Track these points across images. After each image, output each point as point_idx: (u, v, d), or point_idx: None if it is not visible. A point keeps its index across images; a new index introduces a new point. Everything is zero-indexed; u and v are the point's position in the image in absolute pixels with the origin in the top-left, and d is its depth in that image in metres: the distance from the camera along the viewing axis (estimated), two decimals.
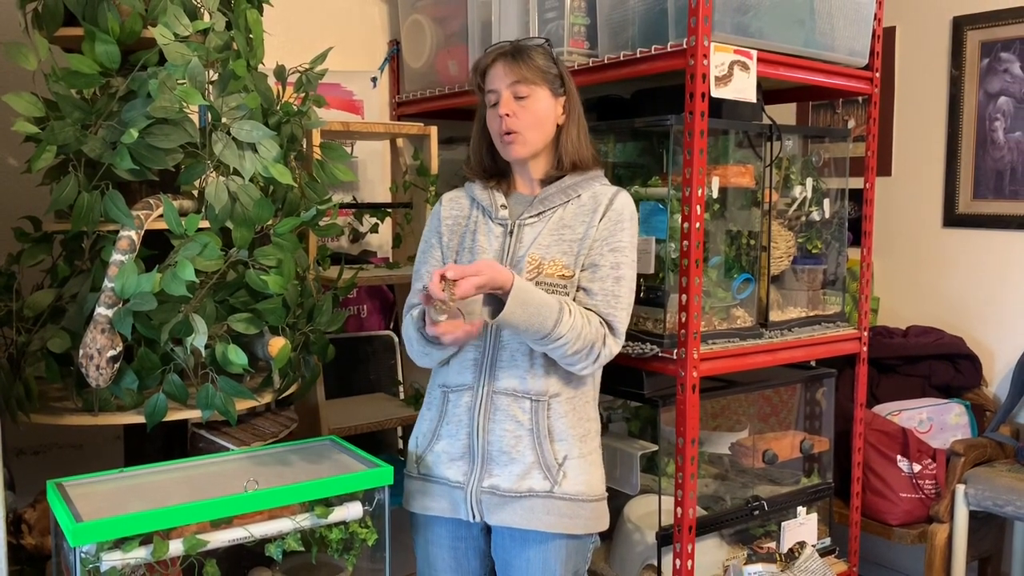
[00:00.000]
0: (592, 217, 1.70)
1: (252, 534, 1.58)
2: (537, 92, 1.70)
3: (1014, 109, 2.87)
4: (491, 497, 1.67)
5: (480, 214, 1.77)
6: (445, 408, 1.73)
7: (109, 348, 1.67)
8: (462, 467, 1.70)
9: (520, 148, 1.71)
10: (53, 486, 1.60)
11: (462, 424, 1.70)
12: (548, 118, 1.73)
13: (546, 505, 1.66)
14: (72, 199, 1.73)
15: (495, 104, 1.72)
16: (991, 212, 2.94)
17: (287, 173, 1.85)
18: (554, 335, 1.57)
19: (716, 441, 2.43)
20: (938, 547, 2.56)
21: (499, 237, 1.73)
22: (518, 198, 1.78)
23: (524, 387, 1.67)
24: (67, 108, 1.74)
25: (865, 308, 2.48)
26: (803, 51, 2.17)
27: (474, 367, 1.70)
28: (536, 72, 1.70)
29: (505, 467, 1.67)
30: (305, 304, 2.00)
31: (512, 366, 1.67)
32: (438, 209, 1.83)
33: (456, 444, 1.71)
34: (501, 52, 1.73)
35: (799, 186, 2.37)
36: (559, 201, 1.73)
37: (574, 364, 1.64)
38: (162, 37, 1.74)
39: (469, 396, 1.70)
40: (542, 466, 1.66)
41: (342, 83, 2.91)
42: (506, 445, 1.67)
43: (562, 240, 1.70)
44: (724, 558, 2.29)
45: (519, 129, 1.70)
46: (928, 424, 2.80)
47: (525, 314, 1.55)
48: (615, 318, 1.67)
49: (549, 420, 1.68)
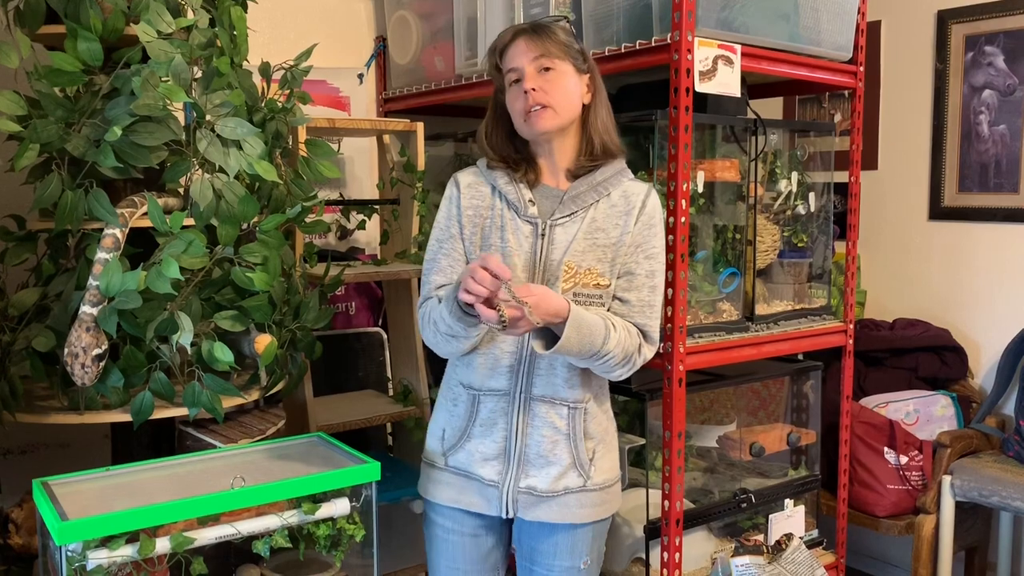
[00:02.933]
0: (626, 220, 1.65)
1: (239, 531, 1.58)
2: (561, 66, 1.62)
3: (998, 102, 2.89)
4: (528, 497, 1.68)
5: (505, 207, 1.67)
6: (476, 409, 1.69)
7: (94, 346, 1.66)
8: (496, 467, 1.68)
9: (549, 120, 1.61)
10: (39, 485, 1.60)
11: (497, 427, 1.68)
12: (575, 94, 1.64)
13: (579, 499, 1.69)
14: (56, 197, 1.72)
15: (517, 81, 1.62)
16: (976, 205, 2.96)
17: (272, 170, 1.85)
18: (602, 352, 1.56)
19: (704, 434, 2.44)
20: (925, 538, 2.57)
21: (529, 238, 1.66)
22: (545, 191, 1.69)
23: (562, 395, 1.66)
24: (50, 106, 1.73)
25: (851, 301, 2.49)
26: (787, 45, 2.17)
27: (510, 373, 1.66)
28: (560, 47, 1.62)
29: (542, 469, 1.67)
30: (291, 301, 1.99)
31: (550, 374, 1.65)
32: (455, 195, 1.71)
33: (490, 445, 1.68)
34: (521, 29, 1.64)
35: (784, 180, 2.38)
36: (590, 200, 1.66)
37: (611, 372, 1.63)
38: (145, 34, 1.73)
39: (505, 402, 1.67)
40: (577, 465, 1.68)
41: (328, 80, 2.91)
42: (544, 449, 1.66)
43: (596, 245, 1.65)
44: (712, 551, 2.30)
45: (547, 102, 1.60)
46: (915, 416, 2.81)
47: (579, 337, 1.52)
48: (650, 327, 1.66)
49: (585, 424, 1.68)
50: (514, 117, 1.67)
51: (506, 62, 1.66)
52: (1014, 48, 2.83)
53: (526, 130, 1.65)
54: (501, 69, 1.67)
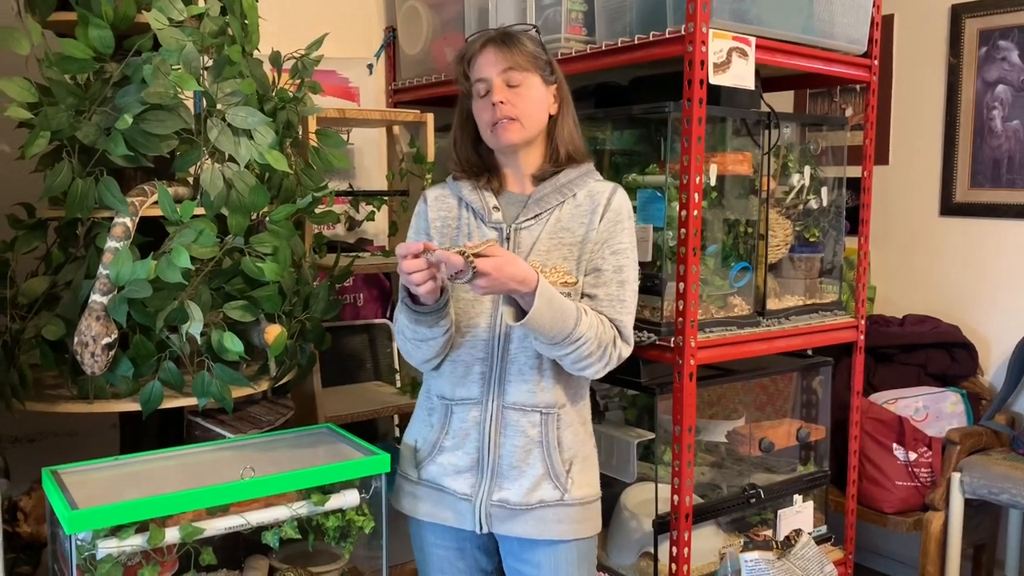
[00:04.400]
0: (591, 218, 1.64)
1: (248, 522, 1.57)
2: (529, 79, 1.61)
3: (1012, 97, 2.86)
4: (501, 510, 1.64)
5: (471, 216, 1.67)
6: (449, 420, 1.66)
7: (104, 335, 1.66)
8: (468, 479, 1.65)
9: (516, 134, 1.61)
10: (48, 473, 1.59)
11: (469, 438, 1.65)
12: (542, 106, 1.65)
13: (557, 513, 1.64)
14: (66, 186, 1.71)
15: (485, 94, 1.62)
16: (988, 201, 2.94)
17: (282, 160, 1.84)
18: (575, 335, 1.51)
19: (713, 429, 2.43)
20: (933, 535, 2.56)
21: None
22: (510, 198, 1.68)
23: (534, 400, 1.62)
24: (60, 93, 1.72)
25: (862, 297, 2.48)
26: (802, 38, 2.15)
27: (481, 381, 1.63)
28: (528, 58, 1.62)
29: (515, 481, 1.63)
30: (301, 292, 1.99)
31: (521, 380, 1.62)
32: (423, 209, 1.72)
33: (462, 457, 1.65)
34: (489, 39, 1.63)
35: (797, 174, 2.36)
36: (555, 201, 1.65)
37: (587, 368, 1.58)
38: (156, 22, 1.72)
39: (477, 411, 1.64)
40: (551, 476, 1.63)
41: (338, 70, 2.89)
42: (516, 460, 1.63)
43: (562, 244, 1.63)
44: (720, 545, 2.29)
45: (515, 115, 1.60)
46: (924, 412, 2.80)
47: (550, 312, 1.48)
48: (622, 322, 1.62)
49: (558, 432, 1.64)
50: (481, 128, 1.66)
51: (474, 71, 1.64)
52: None
53: (493, 141, 1.65)
54: (469, 77, 1.66)
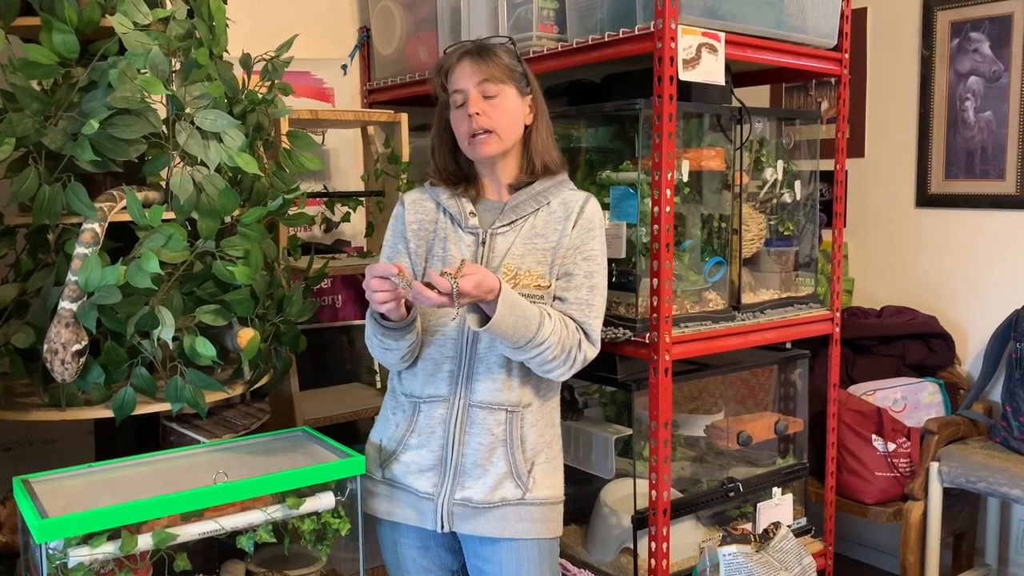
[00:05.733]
0: (564, 225, 1.68)
1: (223, 527, 1.57)
2: (505, 91, 1.66)
3: (984, 89, 2.88)
4: (463, 509, 1.65)
5: (448, 221, 1.72)
6: (416, 418, 1.69)
7: (74, 342, 1.65)
8: (431, 478, 1.67)
9: (493, 146, 1.65)
10: (19, 483, 1.58)
11: (434, 436, 1.67)
12: (518, 117, 1.69)
13: (518, 512, 1.66)
14: (33, 192, 1.70)
15: (462, 105, 1.66)
16: (963, 191, 2.96)
17: (253, 162, 1.83)
18: (537, 339, 1.56)
19: (692, 424, 2.44)
20: (913, 524, 2.58)
21: (470, 247, 1.69)
22: (487, 205, 1.73)
23: (501, 399, 1.65)
24: (25, 99, 1.71)
25: (837, 289, 2.49)
26: (772, 33, 2.16)
27: (450, 379, 1.66)
28: (503, 70, 1.66)
29: (478, 480, 1.65)
30: (275, 294, 1.98)
31: (489, 379, 1.65)
32: (400, 212, 1.76)
33: (426, 455, 1.67)
34: (466, 51, 1.67)
35: (770, 168, 2.37)
36: (530, 209, 1.69)
37: (552, 371, 1.63)
38: (121, 26, 1.71)
39: (444, 408, 1.66)
40: (514, 475, 1.65)
41: (312, 71, 2.88)
42: (480, 458, 1.65)
43: (535, 249, 1.68)
44: (700, 540, 2.30)
45: (491, 127, 1.64)
46: (902, 403, 2.82)
47: (513, 317, 1.52)
48: (589, 325, 1.67)
49: (522, 430, 1.67)
50: (459, 138, 1.70)
51: (451, 83, 1.69)
52: (1000, 34, 2.83)
53: (471, 152, 1.69)
54: (447, 88, 1.70)
